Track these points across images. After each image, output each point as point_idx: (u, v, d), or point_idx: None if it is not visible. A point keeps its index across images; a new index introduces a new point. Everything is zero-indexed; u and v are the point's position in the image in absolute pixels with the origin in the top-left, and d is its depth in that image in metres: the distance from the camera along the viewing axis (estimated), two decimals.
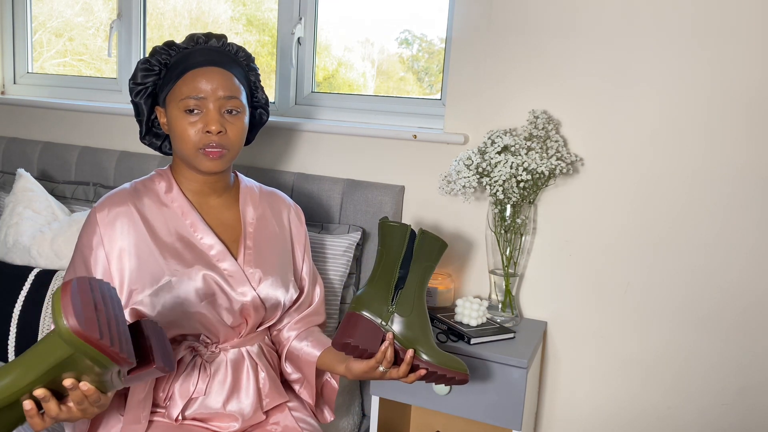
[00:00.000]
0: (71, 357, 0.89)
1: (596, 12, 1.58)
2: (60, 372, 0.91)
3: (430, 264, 1.29)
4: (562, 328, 1.71)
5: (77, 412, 0.96)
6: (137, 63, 1.33)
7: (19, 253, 1.76)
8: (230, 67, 1.31)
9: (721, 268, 1.56)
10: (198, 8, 2.26)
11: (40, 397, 0.92)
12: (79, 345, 0.87)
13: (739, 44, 1.48)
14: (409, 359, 1.19)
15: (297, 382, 1.42)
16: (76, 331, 0.86)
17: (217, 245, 1.28)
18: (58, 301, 0.87)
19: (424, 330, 1.23)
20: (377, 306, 1.23)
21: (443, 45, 1.88)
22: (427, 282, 1.29)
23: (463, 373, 1.21)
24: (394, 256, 1.27)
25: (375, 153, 1.83)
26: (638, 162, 1.60)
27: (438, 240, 1.29)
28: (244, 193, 1.39)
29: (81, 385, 0.93)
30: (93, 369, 0.91)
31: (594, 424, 1.72)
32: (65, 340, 0.87)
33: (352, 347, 1.20)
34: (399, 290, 1.25)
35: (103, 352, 0.88)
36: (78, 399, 0.94)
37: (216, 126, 1.24)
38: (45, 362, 0.89)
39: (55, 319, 0.87)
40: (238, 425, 1.28)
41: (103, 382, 0.94)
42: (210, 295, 1.25)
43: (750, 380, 1.57)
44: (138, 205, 1.27)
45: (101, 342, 0.87)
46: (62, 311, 0.86)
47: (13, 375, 0.90)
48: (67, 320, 0.86)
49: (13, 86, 2.43)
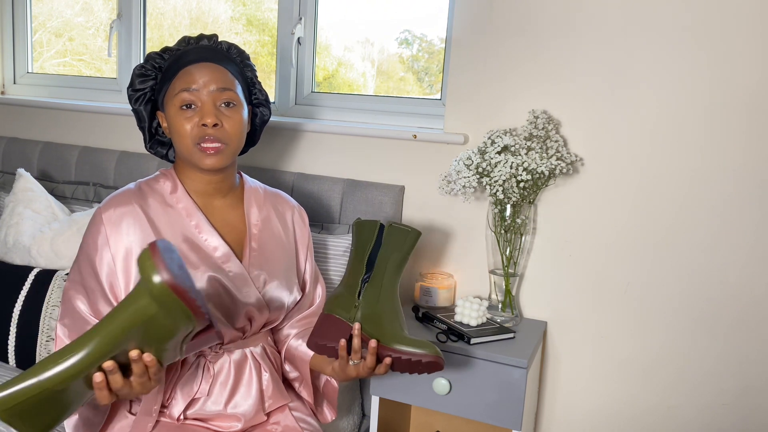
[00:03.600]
0: (153, 318, 0.90)
1: (596, 12, 1.58)
2: (132, 337, 0.92)
3: (401, 255, 1.28)
4: (562, 328, 1.71)
5: (137, 386, 0.97)
6: (133, 70, 1.34)
7: (19, 253, 1.76)
8: (223, 63, 1.31)
9: (720, 268, 1.56)
10: (198, 8, 2.26)
11: (108, 369, 0.92)
12: (169, 300, 0.88)
13: (739, 44, 1.48)
14: (372, 349, 1.18)
15: (296, 380, 1.42)
16: (171, 284, 0.87)
17: (222, 247, 1.28)
18: (149, 258, 0.89)
19: (391, 319, 1.22)
20: (345, 302, 1.24)
21: (443, 45, 1.88)
22: (399, 273, 1.28)
23: (432, 354, 1.17)
24: (362, 251, 1.28)
25: (375, 153, 1.83)
26: (638, 162, 1.60)
27: (407, 230, 1.29)
28: (249, 194, 1.38)
29: (144, 356, 0.94)
30: (165, 333, 0.92)
31: (594, 423, 1.72)
32: (155, 295, 0.88)
33: (321, 346, 1.22)
34: (365, 283, 1.25)
35: (190, 307, 0.90)
36: (140, 371, 0.95)
37: (211, 118, 1.23)
38: (128, 324, 0.91)
39: (145, 277, 0.88)
40: (240, 425, 1.28)
41: (165, 352, 0.96)
42: (215, 296, 1.24)
43: (750, 380, 1.57)
44: (143, 206, 1.27)
45: (191, 296, 0.89)
46: (156, 266, 0.88)
47: (95, 341, 0.92)
48: (161, 275, 0.87)
49: (13, 86, 2.43)
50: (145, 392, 1.00)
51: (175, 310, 0.90)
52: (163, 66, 1.32)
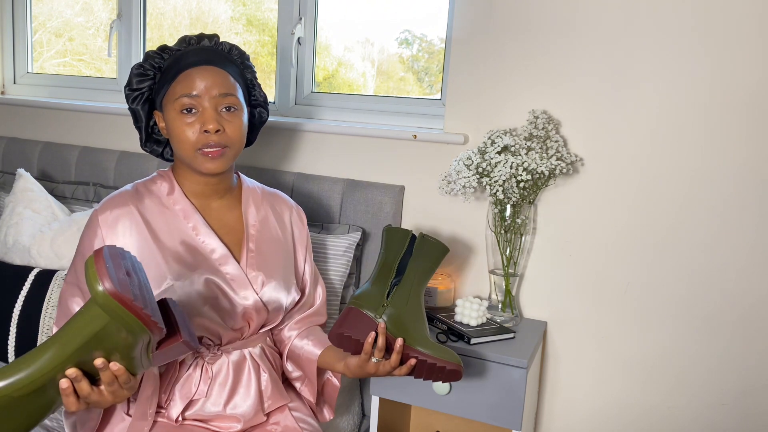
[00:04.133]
0: (105, 328, 0.89)
1: (596, 12, 1.58)
2: (93, 348, 0.91)
3: (429, 266, 1.31)
4: (562, 328, 1.71)
5: (108, 395, 0.96)
6: (131, 69, 1.33)
7: (19, 253, 1.76)
8: (224, 66, 1.30)
9: (720, 268, 1.56)
10: (198, 8, 2.26)
11: (72, 376, 0.92)
12: (114, 309, 0.87)
13: (739, 44, 1.48)
14: (398, 347, 1.19)
15: (298, 380, 1.42)
16: (112, 293, 0.86)
17: (219, 248, 1.28)
18: (92, 266, 0.88)
19: (417, 323, 1.24)
20: (373, 301, 1.25)
21: (443, 45, 1.88)
22: (425, 283, 1.30)
23: (456, 363, 1.21)
24: (393, 256, 1.30)
25: (375, 153, 1.83)
26: (638, 162, 1.60)
27: (439, 244, 1.31)
28: (247, 194, 1.38)
29: (111, 365, 0.93)
30: (124, 342, 0.91)
31: (594, 424, 1.72)
32: (101, 305, 0.87)
33: (345, 338, 1.22)
34: (395, 286, 1.27)
35: (137, 315, 0.88)
36: (108, 380, 0.94)
37: (213, 125, 1.23)
38: (81, 335, 0.90)
39: (90, 285, 0.87)
40: (240, 426, 1.28)
41: (133, 360, 0.95)
42: (212, 299, 1.24)
43: (750, 380, 1.57)
44: (140, 207, 1.26)
45: (135, 304, 0.88)
46: (97, 275, 0.87)
47: (50, 352, 0.91)
48: (103, 284, 0.86)
49: (13, 86, 2.43)
50: (119, 401, 0.99)
51: (124, 320, 0.88)
52: (163, 66, 1.31)
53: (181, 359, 1.26)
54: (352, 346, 1.23)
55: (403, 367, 1.21)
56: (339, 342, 1.24)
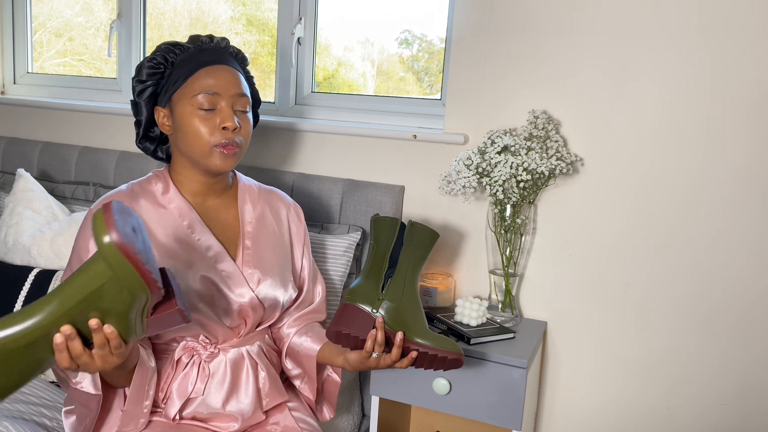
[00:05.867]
0: (105, 285, 0.89)
1: (596, 12, 1.58)
2: (91, 306, 0.91)
3: (421, 253, 1.31)
4: (562, 328, 1.71)
5: (98, 359, 0.95)
6: (142, 61, 1.33)
7: (19, 253, 1.76)
8: (236, 67, 1.34)
9: (721, 268, 1.56)
10: (198, 8, 2.26)
11: (67, 333, 0.91)
12: (119, 261, 0.87)
13: (739, 44, 1.48)
14: (399, 341, 1.20)
15: (298, 377, 1.42)
16: (119, 244, 0.86)
17: (215, 246, 1.28)
18: (101, 217, 0.88)
19: (414, 314, 1.24)
20: (368, 295, 1.25)
21: (443, 45, 1.88)
22: (418, 271, 1.31)
23: (457, 352, 1.22)
24: (384, 247, 1.30)
25: (375, 153, 1.83)
26: (638, 162, 1.60)
27: (428, 230, 1.31)
28: (243, 192, 1.38)
29: (105, 327, 0.93)
30: (122, 302, 0.91)
31: (594, 424, 1.72)
32: (105, 256, 0.87)
33: (344, 335, 1.22)
34: (389, 278, 1.27)
35: (139, 271, 0.88)
36: (100, 342, 0.93)
37: (232, 123, 1.25)
38: (81, 291, 0.90)
39: (97, 237, 0.87)
40: (238, 425, 1.28)
41: (128, 324, 0.94)
42: (208, 296, 1.24)
43: (750, 381, 1.57)
44: (135, 207, 1.27)
45: (138, 258, 0.87)
46: (105, 226, 0.86)
47: (50, 306, 0.90)
48: (110, 235, 0.86)
49: (13, 86, 2.43)
50: (108, 367, 0.97)
51: (125, 274, 0.88)
52: (175, 61, 1.31)
53: (178, 358, 1.26)
54: (350, 342, 1.23)
55: (404, 360, 1.22)
56: (337, 339, 1.24)
